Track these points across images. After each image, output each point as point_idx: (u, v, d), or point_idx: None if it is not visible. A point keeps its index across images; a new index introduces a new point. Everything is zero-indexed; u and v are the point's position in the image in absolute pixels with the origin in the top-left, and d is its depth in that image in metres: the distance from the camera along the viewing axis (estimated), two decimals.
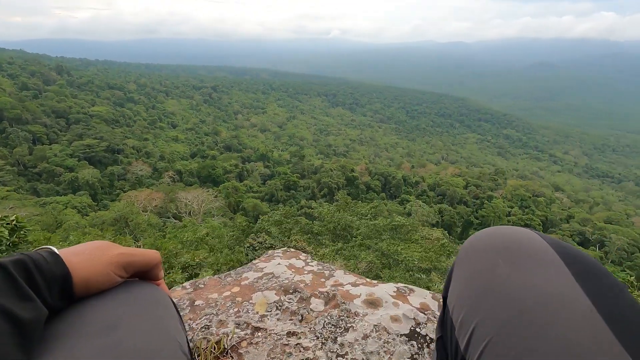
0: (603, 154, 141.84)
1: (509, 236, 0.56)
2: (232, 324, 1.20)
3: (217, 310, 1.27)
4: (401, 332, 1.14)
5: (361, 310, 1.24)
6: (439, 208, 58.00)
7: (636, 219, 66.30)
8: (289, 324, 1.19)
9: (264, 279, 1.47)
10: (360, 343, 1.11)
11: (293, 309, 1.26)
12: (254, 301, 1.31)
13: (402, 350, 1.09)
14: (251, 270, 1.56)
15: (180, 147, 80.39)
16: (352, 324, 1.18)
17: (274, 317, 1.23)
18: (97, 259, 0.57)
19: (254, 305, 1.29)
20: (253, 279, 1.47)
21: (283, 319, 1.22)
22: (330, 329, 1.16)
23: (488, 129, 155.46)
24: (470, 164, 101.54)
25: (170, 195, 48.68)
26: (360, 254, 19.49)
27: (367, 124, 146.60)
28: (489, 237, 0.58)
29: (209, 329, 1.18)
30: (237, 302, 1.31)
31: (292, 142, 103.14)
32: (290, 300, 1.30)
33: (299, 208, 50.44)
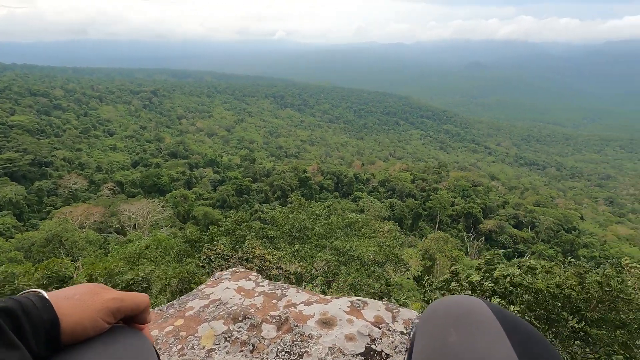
0: (529, 144, 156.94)
1: (461, 307, 0.64)
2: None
3: (158, 350, 1.10)
4: (357, 352, 1.10)
5: (315, 332, 1.18)
6: (390, 203, 60.23)
7: (559, 200, 74.36)
8: (239, 356, 1.11)
9: (211, 307, 1.36)
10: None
11: (243, 338, 1.17)
12: (199, 334, 1.20)
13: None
14: (197, 298, 1.44)
15: (120, 156, 74.92)
16: (306, 348, 1.12)
17: (222, 350, 1.13)
18: (87, 305, 0.56)
19: (200, 338, 1.18)
20: (199, 308, 1.35)
21: (232, 352, 1.13)
22: (284, 357, 1.09)
23: (430, 125, 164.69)
24: (416, 159, 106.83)
25: (111, 208, 45.17)
26: (317, 254, 19.63)
27: (316, 124, 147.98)
28: (445, 307, 0.65)
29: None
30: (181, 338, 1.19)
31: (241, 146, 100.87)
32: (240, 329, 1.21)
33: (253, 212, 49.51)
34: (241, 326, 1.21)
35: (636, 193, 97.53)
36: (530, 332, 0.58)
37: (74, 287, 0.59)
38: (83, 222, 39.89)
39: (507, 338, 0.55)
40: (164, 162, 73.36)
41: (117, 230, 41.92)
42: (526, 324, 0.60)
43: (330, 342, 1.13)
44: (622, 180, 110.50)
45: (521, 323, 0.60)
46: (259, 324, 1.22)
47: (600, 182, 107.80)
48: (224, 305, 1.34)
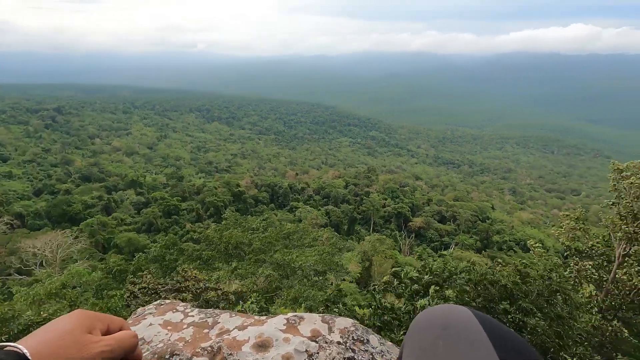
0: (444, 145, 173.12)
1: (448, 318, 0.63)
2: None
3: None
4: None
5: (251, 358, 1.12)
6: (326, 210, 61.41)
7: (474, 194, 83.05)
8: None
9: None
10: None
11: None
12: None
13: None
14: None
15: (18, 184, 64.99)
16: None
17: None
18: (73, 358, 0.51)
19: None
20: None
21: None
22: None
23: (357, 132, 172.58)
24: (347, 165, 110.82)
25: (9, 246, 38.82)
26: (257, 270, 19.07)
27: (246, 137, 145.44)
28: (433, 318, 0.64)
29: None
30: None
31: (167, 164, 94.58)
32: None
33: (184, 234, 46.50)
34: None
35: (532, 182, 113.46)
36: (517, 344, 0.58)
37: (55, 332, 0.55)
38: None
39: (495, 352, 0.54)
40: (75, 187, 65.39)
41: (19, 270, 36.03)
42: (513, 335, 0.60)
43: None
44: (520, 172, 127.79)
45: (508, 334, 0.60)
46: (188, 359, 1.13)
47: (504, 174, 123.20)
48: (147, 345, 1.19)
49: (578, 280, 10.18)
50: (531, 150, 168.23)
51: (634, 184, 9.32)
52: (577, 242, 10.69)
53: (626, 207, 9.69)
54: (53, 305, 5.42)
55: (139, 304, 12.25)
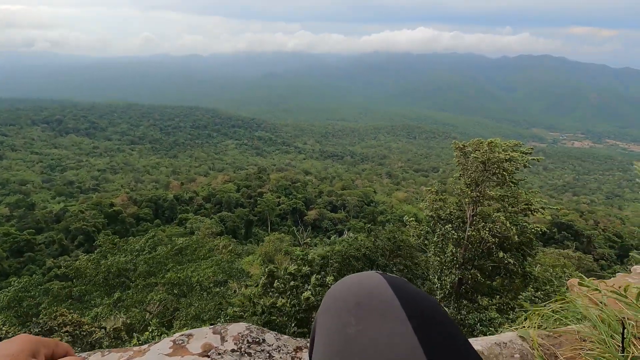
0: (327, 139, 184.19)
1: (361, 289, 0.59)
2: None
3: None
4: None
5: None
6: (220, 216, 58.77)
7: (358, 181, 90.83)
8: None
9: None
10: None
11: None
12: None
13: None
14: None
15: None
16: None
17: None
18: None
19: None
20: None
21: None
22: None
23: (242, 134, 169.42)
24: (236, 168, 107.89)
25: None
26: (147, 296, 17.08)
27: (115, 148, 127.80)
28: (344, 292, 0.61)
29: None
30: None
31: (8, 190, 76.19)
32: None
33: (46, 271, 38.49)
34: None
35: (403, 165, 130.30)
36: (431, 310, 0.56)
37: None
38: None
39: (408, 322, 0.53)
40: None
41: None
42: (427, 300, 0.58)
43: None
44: (393, 157, 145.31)
45: (421, 300, 0.58)
46: None
47: (380, 161, 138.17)
48: None
49: (444, 242, 12.17)
50: (399, 137, 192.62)
51: (477, 158, 11.59)
52: (439, 211, 12.76)
53: (470, 177, 12.00)
54: None
55: None
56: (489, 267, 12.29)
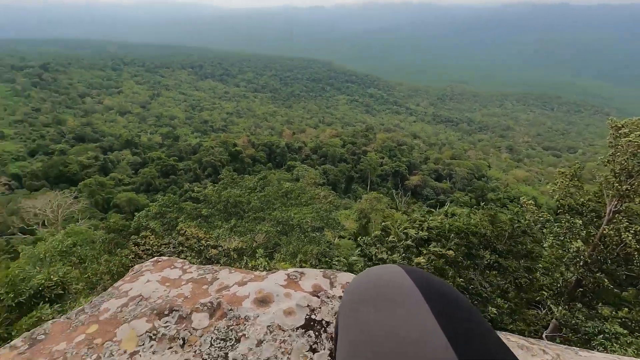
0: (443, 102, 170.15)
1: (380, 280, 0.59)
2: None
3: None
4: (296, 325, 1.05)
5: (252, 313, 1.10)
6: (323, 169, 61.60)
7: (471, 152, 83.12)
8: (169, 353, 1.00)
9: (131, 305, 1.18)
10: (254, 352, 0.98)
11: (171, 334, 1.05)
12: (119, 338, 1.04)
13: (300, 345, 1.01)
14: (113, 298, 1.25)
15: (11, 145, 64.11)
16: (243, 331, 1.04)
17: (148, 351, 1.00)
18: None
19: (120, 343, 1.03)
20: (116, 309, 1.17)
21: (160, 350, 1.01)
22: (220, 345, 1.01)
23: (355, 90, 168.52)
24: (344, 124, 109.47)
25: (10, 206, 39.15)
26: (256, 227, 19.53)
27: (242, 94, 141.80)
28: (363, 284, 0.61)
29: None
30: (96, 346, 1.02)
31: (161, 123, 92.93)
32: (166, 324, 1.08)
33: (183, 193, 46.88)
34: (168, 320, 1.09)
35: (529, 140, 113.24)
36: (453, 298, 0.55)
37: None
38: None
39: (429, 309, 0.52)
40: (69, 147, 64.69)
41: (22, 230, 36.70)
42: (449, 289, 0.57)
43: (268, 320, 1.07)
44: (519, 129, 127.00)
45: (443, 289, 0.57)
46: (188, 315, 1.11)
47: (502, 132, 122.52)
48: (145, 301, 1.19)
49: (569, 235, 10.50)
50: (531, 108, 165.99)
51: (632, 141, 9.29)
52: (570, 199, 10.87)
53: (621, 164, 9.75)
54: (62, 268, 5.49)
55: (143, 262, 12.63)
56: (622, 275, 10.29)
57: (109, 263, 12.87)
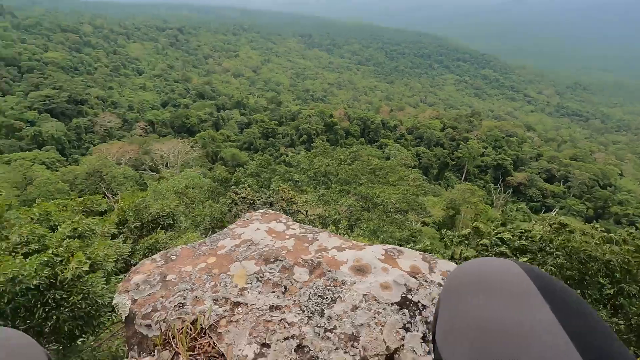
0: (574, 92, 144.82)
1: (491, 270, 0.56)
2: (209, 300, 1.10)
3: (191, 285, 1.16)
4: (392, 301, 1.07)
5: (349, 278, 1.15)
6: (417, 151, 59.04)
7: (599, 155, 70.15)
8: (272, 297, 1.11)
9: (242, 246, 1.35)
10: (349, 315, 1.03)
11: (275, 280, 1.17)
12: (232, 273, 1.20)
13: (394, 320, 1.02)
14: (228, 237, 1.43)
15: (149, 95, 75.99)
16: (339, 293, 1.10)
17: (254, 290, 1.14)
18: None
19: (233, 277, 1.18)
20: (230, 248, 1.35)
21: (265, 292, 1.13)
22: (317, 301, 1.09)
23: (466, 70, 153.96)
24: (447, 106, 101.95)
25: (145, 147, 47.04)
26: (341, 199, 20.02)
27: (345, 66, 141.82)
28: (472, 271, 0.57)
29: (183, 307, 1.08)
30: (214, 275, 1.20)
31: (268, 88, 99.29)
32: (271, 271, 1.20)
33: (278, 156, 50.20)
34: (273, 267, 1.22)
35: None
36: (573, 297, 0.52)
37: None
38: (119, 159, 42.06)
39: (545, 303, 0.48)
40: (192, 102, 73.94)
41: (151, 168, 44.04)
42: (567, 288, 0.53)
43: (364, 289, 1.10)
44: None
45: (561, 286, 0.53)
46: (290, 267, 1.22)
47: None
48: (255, 246, 1.34)
49: None
50: None
51: None
52: None
53: None
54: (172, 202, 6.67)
55: (238, 210, 14.18)
56: None
57: (212, 208, 14.80)
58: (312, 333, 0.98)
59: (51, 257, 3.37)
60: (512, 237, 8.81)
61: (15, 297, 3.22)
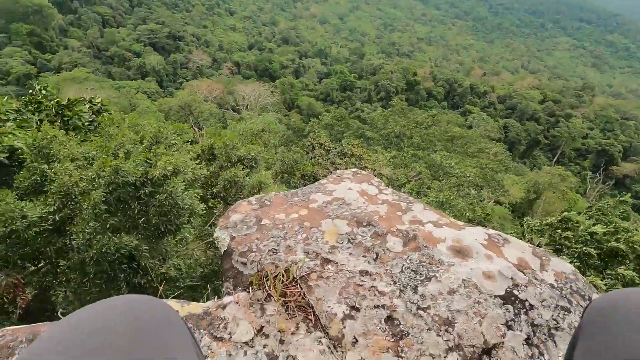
0: None
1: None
2: (300, 251, 1.12)
3: (284, 234, 1.19)
4: (495, 293, 0.99)
5: (446, 259, 1.08)
6: (505, 123, 53.42)
7: None
8: (362, 261, 1.09)
9: (334, 204, 1.34)
10: (445, 298, 0.98)
11: (367, 244, 1.14)
12: (323, 229, 1.21)
13: (496, 314, 0.95)
14: (319, 192, 1.42)
15: (238, 36, 78.34)
16: (435, 273, 1.04)
17: (345, 250, 1.12)
18: None
19: (324, 233, 1.19)
20: (322, 203, 1.35)
21: (356, 255, 1.11)
22: (410, 275, 1.04)
23: (588, 33, 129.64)
24: (553, 75, 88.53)
25: (229, 87, 49.67)
26: (412, 164, 19.39)
27: (439, 19, 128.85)
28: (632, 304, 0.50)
29: (276, 254, 1.11)
30: (306, 227, 1.21)
31: (352, 38, 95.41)
32: (363, 234, 1.18)
33: (353, 110, 49.40)
34: (365, 231, 1.19)
35: None
36: None
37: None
38: (207, 96, 45.22)
39: None
40: (276, 47, 74.69)
41: (233, 108, 46.75)
42: None
43: (464, 274, 1.04)
44: None
45: None
46: (383, 234, 1.18)
47: None
48: (347, 206, 1.32)
49: None
50: None
51: None
52: None
53: None
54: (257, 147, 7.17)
55: (314, 155, 14.61)
56: None
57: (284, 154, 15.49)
58: (403, 307, 0.96)
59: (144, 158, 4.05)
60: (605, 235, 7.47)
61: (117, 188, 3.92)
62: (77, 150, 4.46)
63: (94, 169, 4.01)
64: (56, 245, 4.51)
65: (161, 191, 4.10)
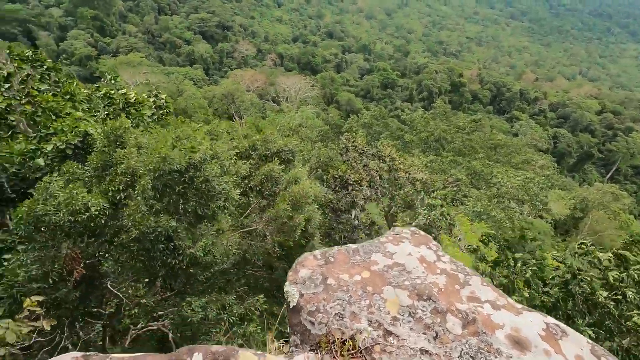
0: None
1: None
2: (364, 319, 1.18)
3: (348, 297, 1.26)
4: None
5: (505, 349, 1.09)
6: (555, 132, 50.24)
7: None
8: (423, 338, 1.13)
9: (395, 269, 1.40)
10: None
11: (427, 321, 1.18)
12: (385, 297, 1.27)
13: None
14: (379, 253, 1.48)
15: (284, 28, 79.09)
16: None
17: (406, 324, 1.18)
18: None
19: (386, 302, 1.25)
20: (383, 267, 1.41)
21: (416, 330, 1.15)
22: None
23: None
24: (615, 85, 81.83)
25: (271, 78, 50.45)
26: (450, 170, 18.81)
27: (492, 19, 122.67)
28: None
29: (342, 319, 1.18)
30: (368, 293, 1.29)
31: (398, 34, 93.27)
32: (424, 309, 1.23)
33: (393, 109, 48.48)
34: (425, 306, 1.24)
35: None
36: None
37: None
38: (249, 86, 46.23)
39: None
40: (320, 40, 74.67)
41: (273, 99, 47.49)
42: None
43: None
44: None
45: None
46: (443, 312, 1.22)
47: None
48: (407, 274, 1.37)
49: None
50: None
51: None
52: None
53: None
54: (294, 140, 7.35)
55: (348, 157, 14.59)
56: None
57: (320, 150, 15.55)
58: None
59: (190, 147, 4.51)
60: None
61: (164, 174, 4.36)
62: (142, 140, 4.99)
63: (149, 156, 4.54)
64: (112, 230, 5.01)
65: (198, 175, 4.51)
